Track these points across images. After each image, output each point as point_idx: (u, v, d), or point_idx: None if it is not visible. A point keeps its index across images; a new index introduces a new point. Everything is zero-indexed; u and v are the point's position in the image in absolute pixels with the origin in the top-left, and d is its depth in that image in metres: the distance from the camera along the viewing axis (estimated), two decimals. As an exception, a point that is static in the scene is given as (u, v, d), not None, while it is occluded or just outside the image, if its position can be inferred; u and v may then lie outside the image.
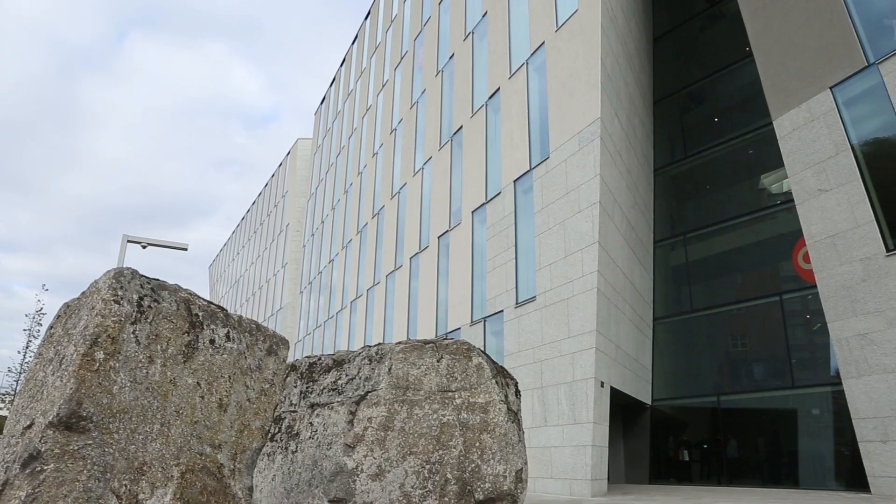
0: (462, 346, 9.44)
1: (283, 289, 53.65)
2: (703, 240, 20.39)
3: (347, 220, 38.18)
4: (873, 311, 13.18)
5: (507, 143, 20.28)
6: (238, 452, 5.22)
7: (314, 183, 49.94)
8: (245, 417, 5.36)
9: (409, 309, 26.35)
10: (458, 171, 23.67)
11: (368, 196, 34.72)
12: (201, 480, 4.84)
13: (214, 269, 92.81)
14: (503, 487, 8.93)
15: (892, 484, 12.41)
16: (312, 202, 49.06)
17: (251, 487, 5.33)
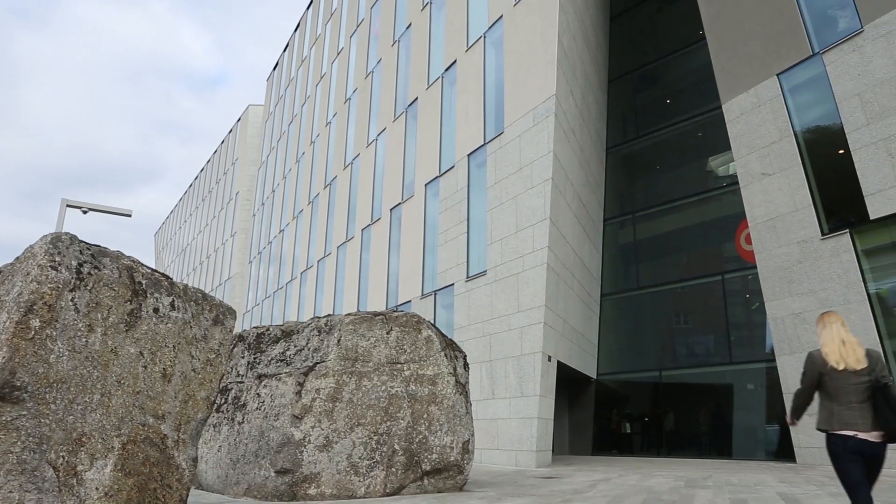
0: (412, 318, 9.48)
1: (231, 258, 52.68)
2: (651, 219, 20.85)
3: (299, 190, 37.59)
4: (807, 291, 13.75)
5: (462, 117, 20.21)
6: (182, 423, 5.14)
7: (265, 151, 48.90)
8: (190, 388, 5.27)
9: (359, 281, 26.24)
10: (412, 144, 23.51)
11: (321, 166, 34.21)
12: (144, 451, 4.75)
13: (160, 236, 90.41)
14: (450, 458, 9.06)
15: (816, 454, 13.10)
16: (263, 170, 48.09)
17: (196, 458, 5.27)
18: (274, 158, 45.45)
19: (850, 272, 13.05)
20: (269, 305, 40.25)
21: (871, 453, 4.06)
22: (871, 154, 12.79)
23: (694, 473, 11.66)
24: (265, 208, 45.18)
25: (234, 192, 54.54)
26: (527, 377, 14.88)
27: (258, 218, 46.87)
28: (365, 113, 29.03)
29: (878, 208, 12.60)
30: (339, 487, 8.18)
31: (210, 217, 61.69)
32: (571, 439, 20.81)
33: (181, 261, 72.33)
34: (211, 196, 62.93)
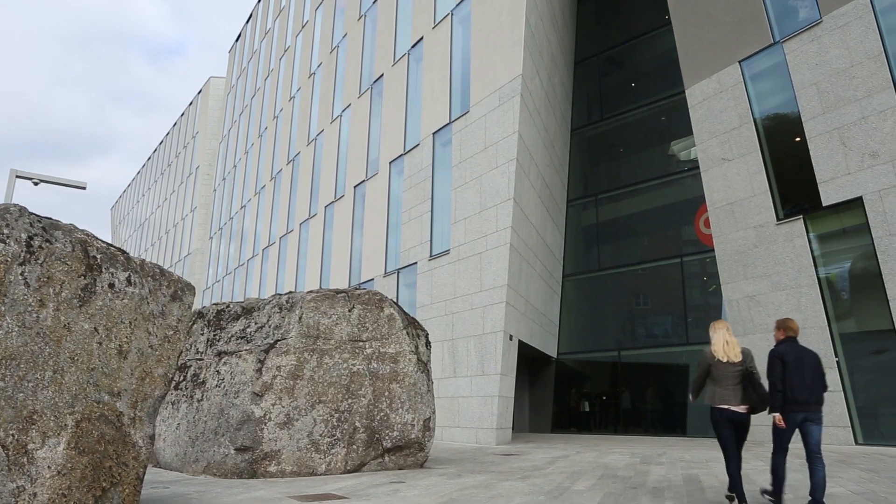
0: (374, 296, 9.46)
1: (191, 234, 51.69)
2: (613, 201, 21.10)
3: (261, 166, 36.96)
4: (761, 275, 14.13)
5: (427, 95, 20.06)
6: (139, 400, 5.06)
7: (227, 125, 47.87)
8: (147, 365, 5.18)
9: (322, 258, 26.04)
10: (377, 121, 23.27)
11: (284, 141, 33.66)
12: (98, 429, 4.67)
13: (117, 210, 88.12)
14: (411, 436, 9.12)
15: (766, 431, 13.54)
16: (225, 145, 47.11)
17: (153, 436, 5.20)
18: (236, 132, 44.55)
19: (802, 257, 13.44)
20: (229, 282, 39.71)
21: (739, 420, 5.71)
22: (826, 142, 13.13)
23: (649, 450, 11.97)
24: (226, 183, 44.34)
25: (195, 166, 53.37)
26: (488, 356, 15.01)
27: (219, 193, 46.00)
28: (329, 88, 28.59)
29: (830, 195, 12.97)
30: (299, 465, 8.17)
31: (169, 191, 60.32)
32: (532, 417, 21.14)
33: (139, 236, 70.70)
34: (170, 170, 61.47)
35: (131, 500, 4.80)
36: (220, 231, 43.99)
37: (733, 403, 5.67)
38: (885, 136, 12.19)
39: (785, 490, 5.76)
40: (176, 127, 62.76)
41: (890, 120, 12.15)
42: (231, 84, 49.18)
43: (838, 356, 12.70)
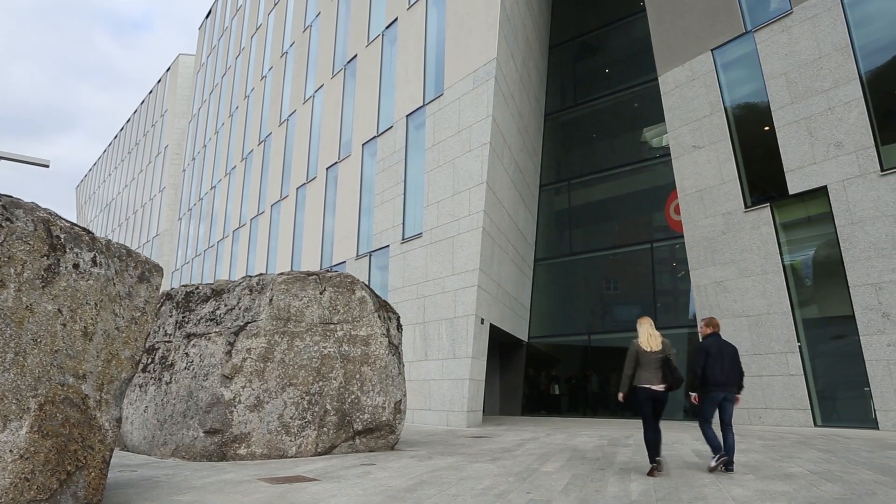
0: (346, 279, 9.42)
1: (160, 214, 50.82)
2: (585, 186, 21.23)
3: (232, 146, 36.40)
4: (729, 261, 14.38)
5: (401, 77, 19.90)
6: (105, 383, 4.98)
7: (196, 104, 46.96)
8: (113, 347, 5.09)
9: (293, 240, 25.82)
10: (350, 102, 23.03)
11: (255, 121, 33.15)
12: (63, 412, 4.59)
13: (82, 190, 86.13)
14: (382, 418, 9.15)
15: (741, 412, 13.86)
16: (194, 124, 46.25)
17: (120, 419, 5.13)
18: (206, 111, 43.74)
19: (768, 244, 13.70)
20: (199, 264, 39.19)
21: (658, 397, 6.90)
22: (793, 132, 13.35)
23: (617, 433, 12.17)
24: (196, 163, 43.60)
25: (163, 145, 52.35)
26: (459, 339, 15.08)
27: (188, 173, 45.23)
28: (302, 68, 28.19)
29: (796, 184, 13.22)
30: (269, 447, 8.15)
31: (137, 171, 59.11)
32: (502, 400, 21.33)
33: (105, 216, 69.27)
34: (138, 149, 60.20)
35: (97, 484, 4.74)
36: (189, 212, 43.32)
37: (654, 383, 6.90)
38: (850, 126, 12.43)
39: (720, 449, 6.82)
40: (144, 105, 61.40)
41: (855, 111, 12.39)
42: (201, 62, 48.20)
43: (800, 341, 13.02)
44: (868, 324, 11.84)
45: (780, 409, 13.07)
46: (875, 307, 11.77)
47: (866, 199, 12.08)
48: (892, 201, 11.74)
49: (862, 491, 5.30)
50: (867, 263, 11.95)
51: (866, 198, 12.09)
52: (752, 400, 13.53)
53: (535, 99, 21.12)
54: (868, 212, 12.03)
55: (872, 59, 12.50)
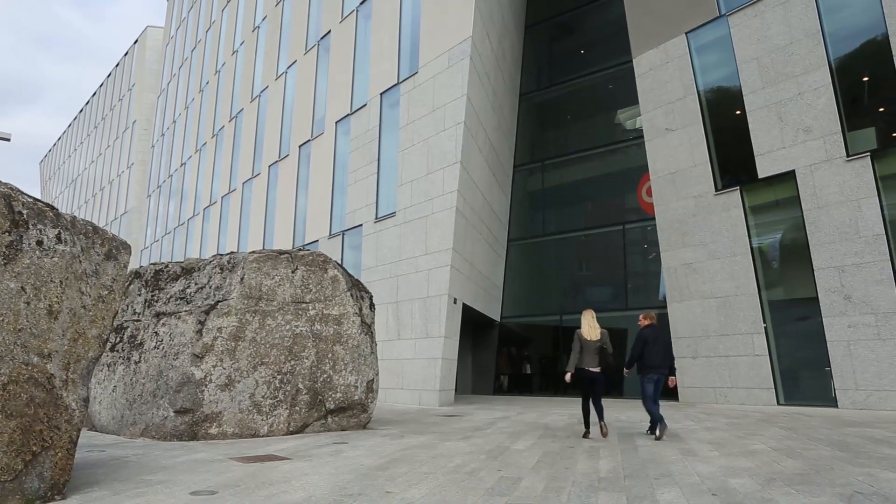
0: (318, 258, 9.36)
1: (128, 191, 49.82)
2: (559, 167, 21.30)
3: (202, 122, 35.72)
4: (699, 243, 14.59)
5: (376, 54, 19.66)
6: (71, 362, 4.90)
7: (165, 78, 45.91)
8: (80, 325, 5.00)
9: (265, 219, 25.54)
10: (323, 79, 22.72)
11: (226, 97, 32.55)
12: (27, 392, 4.51)
13: (46, 165, 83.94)
14: (354, 397, 9.16)
15: (696, 393, 14.19)
16: (163, 99, 45.24)
17: (87, 399, 5.05)
18: (175, 86, 42.79)
19: (737, 227, 13.93)
20: (168, 242, 38.60)
21: (594, 377, 8.20)
22: (764, 116, 13.52)
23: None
24: (165, 139, 42.74)
25: (131, 120, 51.17)
26: (432, 319, 15.12)
27: (157, 149, 44.33)
28: (274, 43, 27.68)
29: (766, 168, 13.42)
30: (241, 426, 8.12)
31: (104, 146, 57.74)
32: (474, 379, 21.50)
33: (71, 192, 67.67)
34: (105, 123, 58.75)
35: (64, 464, 4.67)
36: (158, 189, 42.54)
37: (591, 366, 8.19)
38: (819, 112, 12.63)
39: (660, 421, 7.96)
40: (110, 78, 59.83)
41: (823, 97, 12.58)
42: (170, 35, 47.03)
43: (766, 322, 13.31)
44: (831, 306, 12.14)
45: (746, 388, 13.38)
46: (838, 289, 12.07)
47: (832, 184, 12.33)
48: (856, 186, 11.99)
49: (820, 466, 5.47)
50: (831, 247, 12.22)
51: (832, 183, 12.33)
52: (719, 379, 13.83)
53: (510, 79, 21.05)
54: (833, 196, 12.28)
55: (841, 46, 12.68)
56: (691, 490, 4.59)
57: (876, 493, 4.37)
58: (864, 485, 4.65)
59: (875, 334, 11.54)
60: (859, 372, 11.66)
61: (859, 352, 11.70)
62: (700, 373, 14.20)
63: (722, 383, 13.79)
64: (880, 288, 11.55)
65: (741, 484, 4.78)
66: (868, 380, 11.55)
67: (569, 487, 4.76)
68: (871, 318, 11.60)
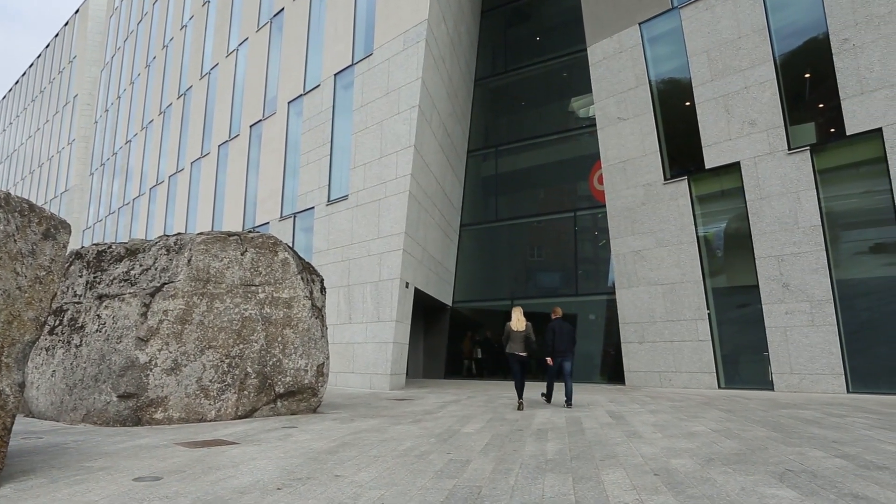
0: (268, 240, 9.21)
1: (69, 169, 47.93)
2: (512, 153, 21.42)
3: (149, 98, 34.58)
4: (647, 231, 14.92)
5: (330, 34, 19.34)
6: (6, 346, 4.71)
7: (109, 51, 44.20)
8: (15, 307, 4.81)
9: (214, 200, 24.98)
10: (276, 57, 22.25)
11: (174, 73, 31.57)
12: (-41, 375, 4.32)
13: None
14: (304, 381, 9.09)
15: (642, 377, 14.57)
16: (107, 73, 43.59)
17: (23, 384, 4.88)
18: (119, 60, 41.26)
19: (684, 215, 14.29)
20: (112, 222, 37.39)
21: (523, 360, 10.14)
22: (712, 108, 13.85)
23: (537, 395, 12.55)
24: (109, 115, 41.24)
25: (72, 94, 49.14)
26: (384, 303, 15.09)
27: (101, 125, 42.76)
28: (225, 19, 26.93)
29: (712, 159, 13.78)
30: (187, 411, 7.97)
31: (42, 121, 55.35)
32: (426, 363, 21.58)
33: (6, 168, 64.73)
34: (43, 97, 56.28)
35: (-1, 450, 4.51)
36: (102, 167, 41.09)
37: (519, 351, 10.09)
38: (763, 106, 13.01)
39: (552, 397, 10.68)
40: (49, 49, 57.25)
41: (768, 91, 12.96)
42: (114, 6, 45.23)
43: (710, 309, 13.73)
44: (770, 293, 12.60)
45: (689, 372, 13.81)
46: (777, 277, 12.53)
47: (774, 175, 12.75)
48: (796, 179, 12.43)
49: (756, 446, 5.69)
50: (772, 237, 12.66)
51: (774, 174, 12.75)
52: (664, 364, 14.23)
53: (465, 63, 21.00)
54: (775, 188, 12.71)
55: (786, 43, 13.07)
56: (635, 470, 4.72)
57: (805, 470, 4.57)
58: (795, 463, 4.86)
59: (809, 321, 12.04)
60: (794, 356, 12.17)
61: (795, 337, 12.20)
62: (646, 357, 14.58)
63: (667, 367, 14.19)
64: (815, 276, 12.04)
65: (682, 464, 4.94)
66: (802, 364, 12.06)
67: (516, 469, 4.83)
68: (807, 304, 12.09)
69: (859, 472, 4.49)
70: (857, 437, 6.16)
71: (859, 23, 11.82)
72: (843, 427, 6.95)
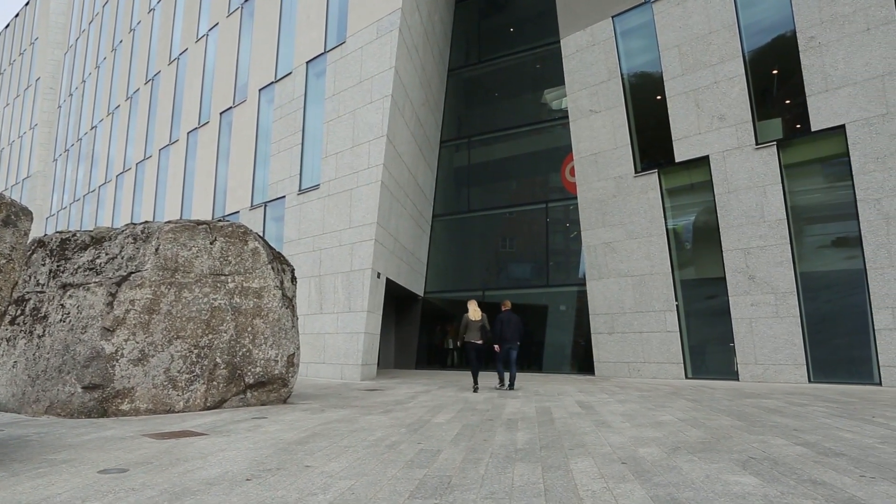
0: (238, 229, 9.10)
1: (31, 154, 46.72)
2: (485, 144, 21.43)
3: (115, 83, 33.82)
4: (618, 223, 15.07)
5: (302, 20, 19.10)
6: (-35, 335, 4.59)
7: (73, 33, 43.09)
8: (-25, 296, 4.68)
9: (183, 188, 24.58)
10: (246, 44, 21.91)
11: (142, 58, 30.91)
12: (-85, 365, 4.19)
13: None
14: (274, 371, 9.03)
15: (611, 368, 14.76)
16: (71, 56, 42.50)
17: (-17, 373, 4.76)
18: (84, 43, 40.25)
19: (654, 208, 14.46)
20: (77, 209, 36.59)
21: (479, 348, 11.57)
22: (682, 102, 14.02)
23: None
24: (74, 100, 40.25)
25: (34, 77, 47.84)
26: (355, 293, 15.04)
27: (65, 110, 41.72)
28: (195, 3, 26.41)
29: (682, 152, 13.96)
30: (155, 402, 7.86)
31: (2, 104, 53.84)
32: (397, 354, 21.58)
33: (-34, 152, 62.85)
34: (3, 79, 54.71)
35: (-42, 442, 4.40)
36: (66, 153, 40.13)
37: (475, 339, 11.50)
38: (732, 101, 13.21)
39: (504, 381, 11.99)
40: (9, 30, 55.62)
41: (737, 87, 13.16)
42: (79, -12, 44.09)
43: (678, 300, 13.95)
44: (736, 285, 12.85)
45: (657, 362, 14.03)
46: (743, 270, 12.77)
47: (742, 170, 12.97)
48: (763, 173, 12.66)
49: (720, 435, 5.81)
50: (739, 230, 12.89)
51: (742, 169, 12.97)
52: (633, 354, 14.43)
53: (438, 53, 20.93)
54: (742, 182, 12.93)
55: (755, 39, 13.26)
56: (603, 459, 4.79)
57: (767, 457, 4.69)
58: (758, 451, 4.98)
59: (774, 312, 12.31)
60: (759, 347, 12.44)
61: (760, 328, 12.46)
62: (615, 348, 14.77)
63: (635, 358, 14.40)
64: (780, 269, 12.30)
65: (649, 453, 5.03)
66: (766, 354, 12.33)
67: (487, 459, 4.87)
68: (771, 296, 12.36)
69: (818, 459, 4.62)
70: (817, 426, 6.33)
71: (825, 21, 12.05)
72: (803, 416, 7.13)
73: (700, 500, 3.55)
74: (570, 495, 3.72)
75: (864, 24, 11.62)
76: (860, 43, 11.64)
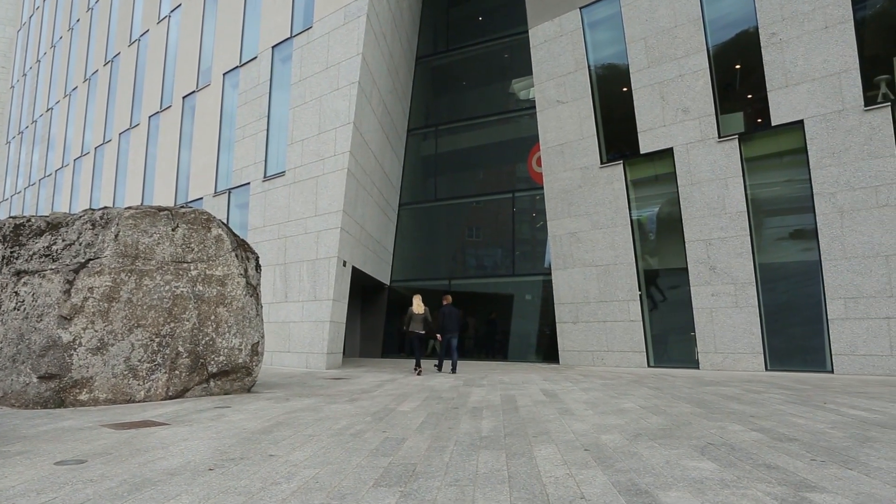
0: (201, 215, 8.95)
1: (-17, 135, 45.18)
2: (452, 133, 21.41)
3: (72, 64, 32.82)
4: (583, 213, 15.22)
5: (268, 4, 18.77)
6: (-86, 322, 4.43)
7: (27, 10, 41.65)
8: (-76, 283, 4.52)
9: (144, 173, 24.04)
10: (210, 26, 21.45)
11: (100, 38, 30.03)
12: None
13: None
14: (238, 360, 8.92)
15: (576, 356, 14.95)
16: (25, 34, 41.09)
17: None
18: (39, 21, 38.93)
19: (619, 199, 14.64)
20: (32, 194, 35.52)
21: (421, 338, 13.18)
22: (648, 95, 14.19)
23: (472, 374, 12.73)
24: (28, 80, 38.95)
25: (-13, 56, 46.18)
26: (321, 281, 14.93)
27: (18, 90, 40.37)
28: (156, -17, 25.74)
29: (647, 144, 14.14)
30: (115, 392, 7.70)
31: (-46, 83, 51.81)
32: (363, 342, 21.52)
33: (-86, 133, 60.43)
34: (-45, 58, 52.61)
35: None
36: (20, 135, 38.87)
37: (419, 330, 12.92)
38: (696, 94, 13.41)
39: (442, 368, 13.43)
40: (-38, 7, 53.44)
41: (701, 80, 13.36)
42: (34, -36, 42.57)
43: (641, 290, 14.18)
44: (698, 275, 13.11)
45: (620, 351, 14.26)
46: (704, 261, 13.03)
47: (704, 162, 13.20)
48: (724, 166, 12.91)
49: (681, 422, 5.95)
50: (701, 221, 13.14)
51: (704, 161, 13.20)
52: (597, 343, 14.64)
53: (406, 41, 20.78)
54: (705, 174, 13.17)
55: (719, 34, 13.47)
56: (566, 446, 4.86)
57: (724, 443, 4.81)
58: (716, 437, 5.11)
59: (733, 302, 12.60)
60: (718, 336, 12.73)
61: (719, 318, 12.75)
62: (580, 337, 14.96)
63: (599, 347, 14.61)
64: (740, 260, 12.59)
65: (611, 439, 5.11)
66: (725, 343, 12.63)
67: (451, 446, 4.90)
68: (731, 287, 12.64)
69: (773, 444, 4.75)
70: (772, 412, 6.52)
71: (786, 18, 12.29)
72: (760, 403, 7.33)
73: (659, 486, 3.63)
74: (534, 482, 3.77)
75: (822, 21, 11.89)
76: (819, 40, 11.91)
